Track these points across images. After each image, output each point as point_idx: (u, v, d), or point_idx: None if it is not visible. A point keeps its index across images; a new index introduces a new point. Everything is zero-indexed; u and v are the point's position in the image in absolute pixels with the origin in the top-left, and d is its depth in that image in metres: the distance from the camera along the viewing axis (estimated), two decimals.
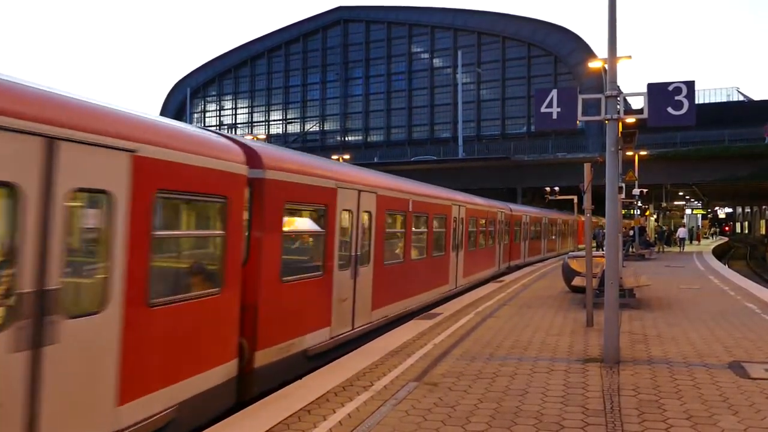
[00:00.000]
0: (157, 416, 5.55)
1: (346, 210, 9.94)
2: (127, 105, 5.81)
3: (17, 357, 4.23)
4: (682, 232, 49.19)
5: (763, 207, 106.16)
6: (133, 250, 5.24)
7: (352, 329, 10.21)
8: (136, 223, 5.28)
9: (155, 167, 5.52)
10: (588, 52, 61.75)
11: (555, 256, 35.37)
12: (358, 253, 10.39)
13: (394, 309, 12.29)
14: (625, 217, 37.36)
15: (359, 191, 10.45)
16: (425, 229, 14.45)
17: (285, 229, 8.16)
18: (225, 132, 13.83)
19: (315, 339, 8.87)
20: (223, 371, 6.65)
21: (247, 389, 7.22)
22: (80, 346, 4.73)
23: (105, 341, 4.98)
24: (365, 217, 10.80)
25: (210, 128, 10.70)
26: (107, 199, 5.04)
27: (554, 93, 8.80)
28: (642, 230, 37.35)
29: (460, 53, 71.90)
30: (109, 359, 5.02)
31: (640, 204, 37.23)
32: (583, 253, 13.53)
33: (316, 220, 9.28)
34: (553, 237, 38.01)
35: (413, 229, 13.54)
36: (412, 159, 60.92)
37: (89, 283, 5.11)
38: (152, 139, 5.53)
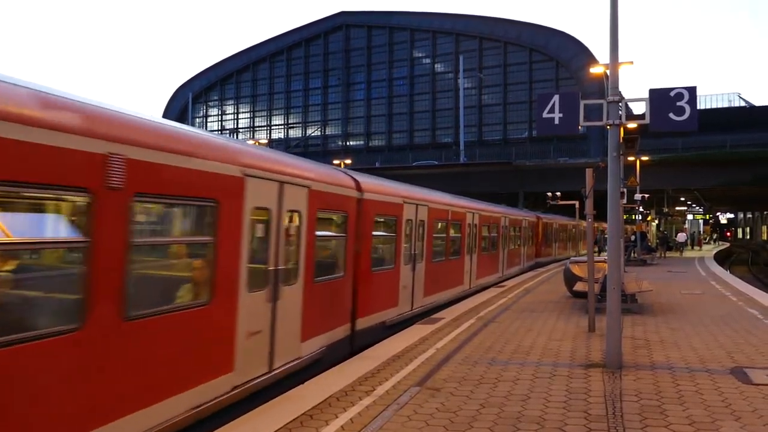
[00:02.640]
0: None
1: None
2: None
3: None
4: (681, 237, 49.82)
5: (765, 212, 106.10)
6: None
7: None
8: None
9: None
10: (590, 57, 61.77)
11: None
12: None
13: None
14: (626, 222, 37.25)
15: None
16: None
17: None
18: (228, 137, 14.09)
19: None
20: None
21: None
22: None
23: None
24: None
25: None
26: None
27: (556, 98, 8.82)
28: (644, 236, 37.33)
29: (461, 58, 72.02)
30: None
31: (641, 209, 37.17)
32: (585, 258, 13.53)
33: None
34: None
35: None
36: (413, 164, 60.96)
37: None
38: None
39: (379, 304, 11.52)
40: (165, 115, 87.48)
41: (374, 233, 11.29)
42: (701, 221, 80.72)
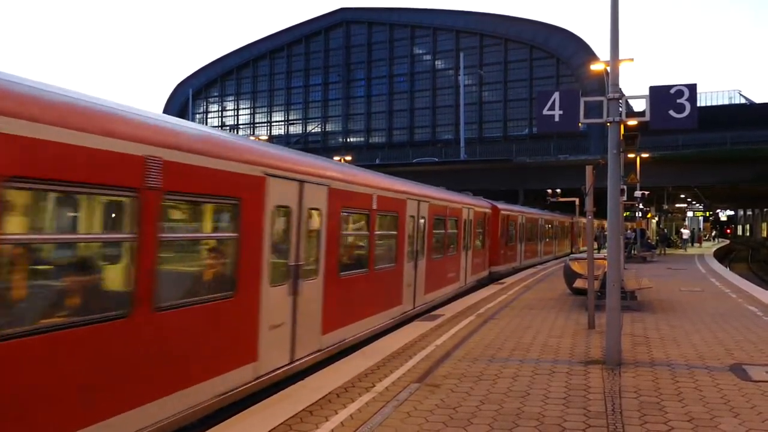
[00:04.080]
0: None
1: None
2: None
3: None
4: (685, 233, 50.66)
5: (765, 210, 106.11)
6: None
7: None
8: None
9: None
10: (590, 54, 61.71)
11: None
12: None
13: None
14: (626, 219, 37.16)
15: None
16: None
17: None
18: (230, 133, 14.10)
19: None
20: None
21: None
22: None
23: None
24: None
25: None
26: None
27: (556, 95, 8.83)
28: (642, 233, 37.34)
29: (462, 55, 71.90)
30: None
31: (641, 206, 37.17)
32: (584, 255, 13.54)
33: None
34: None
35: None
36: (414, 161, 60.88)
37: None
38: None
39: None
40: (165, 111, 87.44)
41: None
42: (701, 218, 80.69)
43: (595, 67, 30.56)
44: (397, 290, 12.30)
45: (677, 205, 66.85)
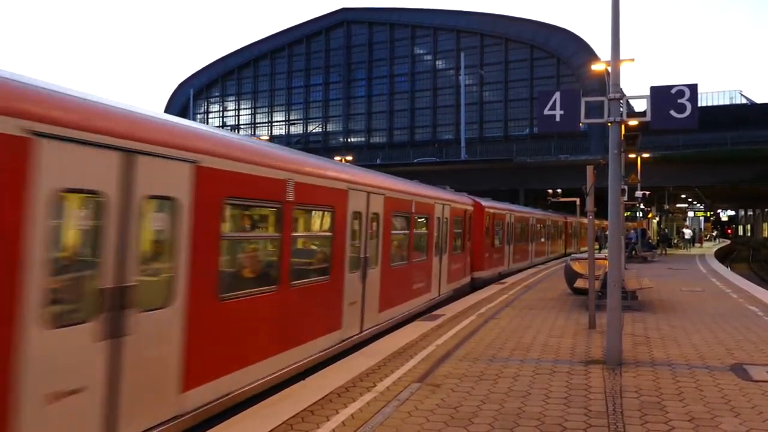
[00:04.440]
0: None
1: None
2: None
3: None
4: (688, 233, 51.02)
5: (766, 210, 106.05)
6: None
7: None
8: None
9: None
10: (591, 54, 61.71)
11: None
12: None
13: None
14: (627, 219, 37.07)
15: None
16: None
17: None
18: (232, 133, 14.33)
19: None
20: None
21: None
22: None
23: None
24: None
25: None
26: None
27: (557, 95, 8.83)
28: (644, 233, 37.32)
29: (462, 55, 71.90)
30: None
31: (642, 206, 37.16)
32: (585, 255, 13.53)
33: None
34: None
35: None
36: (414, 161, 60.91)
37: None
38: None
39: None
40: (167, 111, 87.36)
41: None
42: (702, 218, 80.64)
43: (596, 67, 30.54)
44: (332, 311, 9.35)
45: (678, 205, 66.84)
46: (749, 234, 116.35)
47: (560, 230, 41.28)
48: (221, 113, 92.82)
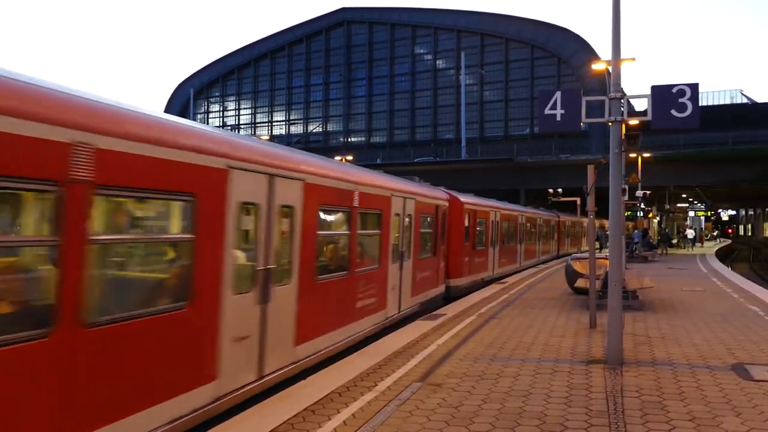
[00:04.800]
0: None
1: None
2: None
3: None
4: (690, 233, 51.20)
5: (767, 209, 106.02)
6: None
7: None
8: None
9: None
10: (591, 54, 61.64)
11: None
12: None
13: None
14: (627, 219, 36.96)
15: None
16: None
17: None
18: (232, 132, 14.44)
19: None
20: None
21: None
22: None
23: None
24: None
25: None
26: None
27: (558, 95, 8.83)
28: (645, 232, 37.32)
29: (463, 54, 71.80)
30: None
31: (643, 206, 37.16)
32: (586, 255, 13.53)
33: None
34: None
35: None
36: (415, 160, 60.90)
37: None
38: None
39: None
40: (167, 111, 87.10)
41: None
42: (703, 218, 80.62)
43: (597, 66, 30.53)
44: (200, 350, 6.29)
45: (679, 205, 66.83)
46: (750, 234, 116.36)
47: (552, 230, 38.23)
48: (221, 113, 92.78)
